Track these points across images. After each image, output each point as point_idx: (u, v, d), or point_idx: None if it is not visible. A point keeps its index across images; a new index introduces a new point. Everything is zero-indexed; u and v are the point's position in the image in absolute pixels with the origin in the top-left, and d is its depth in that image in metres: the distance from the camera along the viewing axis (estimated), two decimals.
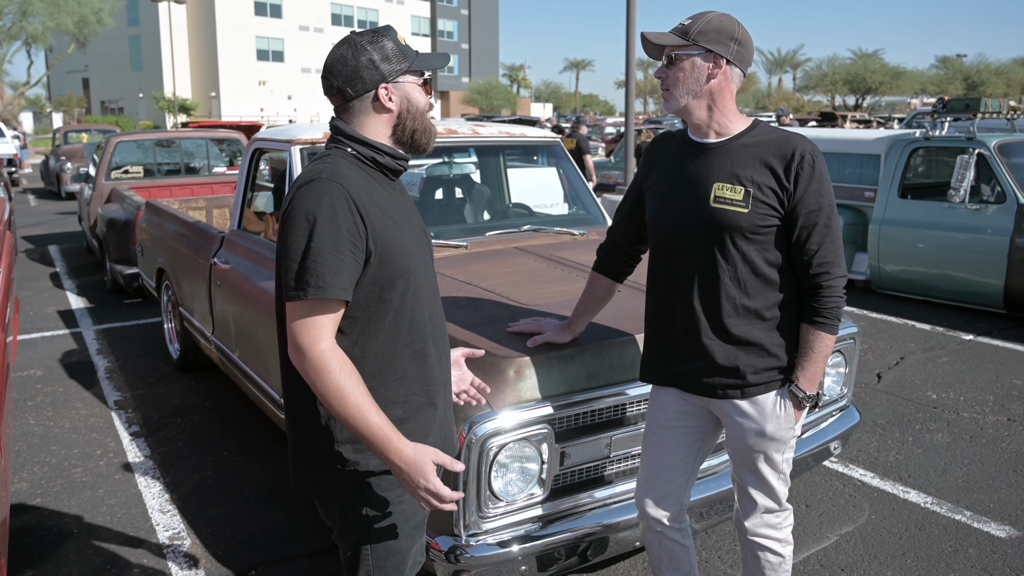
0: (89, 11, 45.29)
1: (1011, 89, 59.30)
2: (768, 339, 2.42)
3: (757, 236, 2.36)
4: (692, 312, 2.45)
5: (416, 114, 2.06)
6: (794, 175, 2.33)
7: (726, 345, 2.42)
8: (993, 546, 3.67)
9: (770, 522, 2.60)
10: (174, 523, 3.92)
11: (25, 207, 18.34)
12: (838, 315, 2.41)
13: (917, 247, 7.93)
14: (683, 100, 2.39)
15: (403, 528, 2.08)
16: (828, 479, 4.31)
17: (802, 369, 2.43)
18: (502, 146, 5.15)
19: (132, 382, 5.99)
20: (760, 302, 2.41)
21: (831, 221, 2.37)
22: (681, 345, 2.50)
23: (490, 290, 3.51)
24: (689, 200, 2.42)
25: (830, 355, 2.47)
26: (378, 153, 2.04)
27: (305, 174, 1.97)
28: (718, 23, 2.35)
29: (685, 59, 2.35)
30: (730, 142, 2.41)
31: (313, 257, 1.85)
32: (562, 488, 2.90)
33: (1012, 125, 8.78)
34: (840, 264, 2.40)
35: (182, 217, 5.99)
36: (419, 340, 2.05)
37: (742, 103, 74.36)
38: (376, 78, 1.99)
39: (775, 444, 2.50)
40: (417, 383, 2.05)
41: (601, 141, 25.69)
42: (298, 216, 1.89)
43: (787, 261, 2.42)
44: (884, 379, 5.92)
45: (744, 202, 2.34)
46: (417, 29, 74.92)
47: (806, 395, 2.44)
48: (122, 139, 10.44)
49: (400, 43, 2.04)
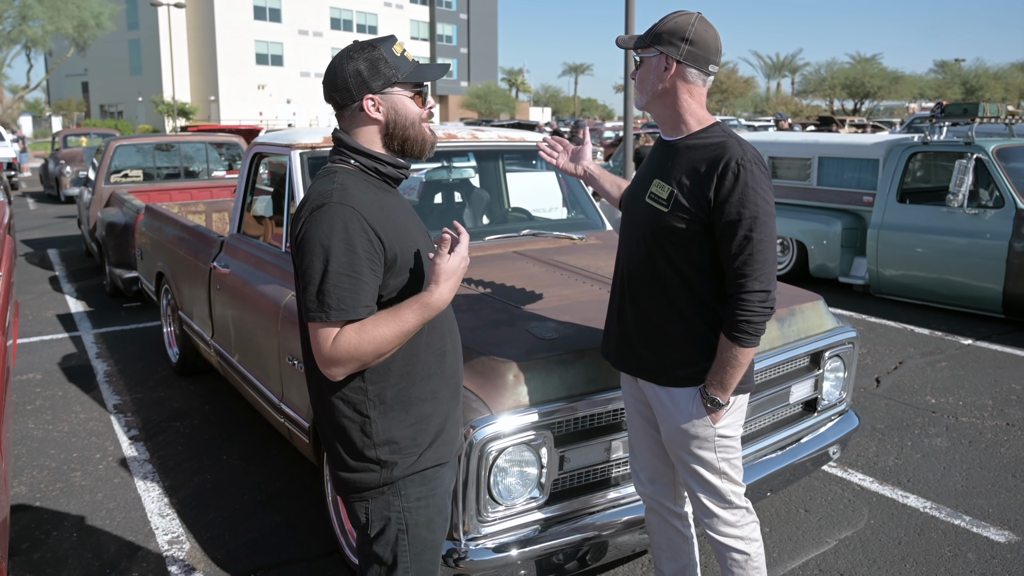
0: (89, 15, 45.34)
1: (1009, 94, 59.38)
2: (683, 339, 2.48)
3: (675, 237, 2.40)
4: (627, 300, 2.58)
5: (405, 124, 2.10)
6: (716, 183, 2.32)
7: (649, 335, 2.52)
8: (992, 551, 3.67)
9: (728, 519, 2.59)
10: (173, 527, 3.92)
11: (24, 211, 18.33)
12: (749, 329, 2.32)
13: (916, 251, 7.94)
14: (644, 98, 2.50)
15: (437, 521, 2.17)
16: (827, 484, 4.31)
17: (712, 373, 2.44)
18: (501, 150, 5.16)
19: (131, 386, 5.99)
20: (682, 302, 2.45)
21: (753, 233, 2.28)
22: (618, 327, 2.64)
23: (489, 294, 3.51)
24: (636, 191, 2.59)
25: (744, 367, 2.39)
26: (380, 163, 2.10)
27: (315, 197, 2.00)
28: (673, 24, 2.40)
29: (645, 60, 2.47)
30: (680, 141, 2.48)
31: (332, 281, 1.90)
32: (561, 492, 2.90)
33: (1010, 130, 8.80)
34: (760, 278, 2.30)
35: (181, 221, 5.99)
36: (438, 339, 2.14)
37: (741, 107, 74.48)
38: (362, 89, 2.05)
39: (695, 441, 2.51)
40: (440, 379, 2.14)
41: (600, 145, 25.67)
42: (313, 242, 1.93)
43: (715, 268, 2.41)
44: (883, 383, 5.93)
45: (666, 202, 2.41)
46: (416, 33, 74.99)
47: (711, 398, 2.45)
48: (121, 143, 10.44)
49: (395, 53, 2.07)
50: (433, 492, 2.15)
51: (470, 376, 2.80)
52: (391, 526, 2.11)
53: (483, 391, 2.75)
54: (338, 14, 67.42)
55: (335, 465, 2.13)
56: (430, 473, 2.13)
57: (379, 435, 2.05)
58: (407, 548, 2.12)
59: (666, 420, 2.55)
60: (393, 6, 72.16)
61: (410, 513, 2.11)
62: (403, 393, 2.06)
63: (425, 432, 2.10)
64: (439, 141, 4.60)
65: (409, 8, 74.29)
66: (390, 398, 2.05)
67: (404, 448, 2.07)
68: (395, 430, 2.06)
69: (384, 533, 2.12)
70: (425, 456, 2.10)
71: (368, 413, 2.05)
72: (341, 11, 67.58)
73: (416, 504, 2.11)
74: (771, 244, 2.31)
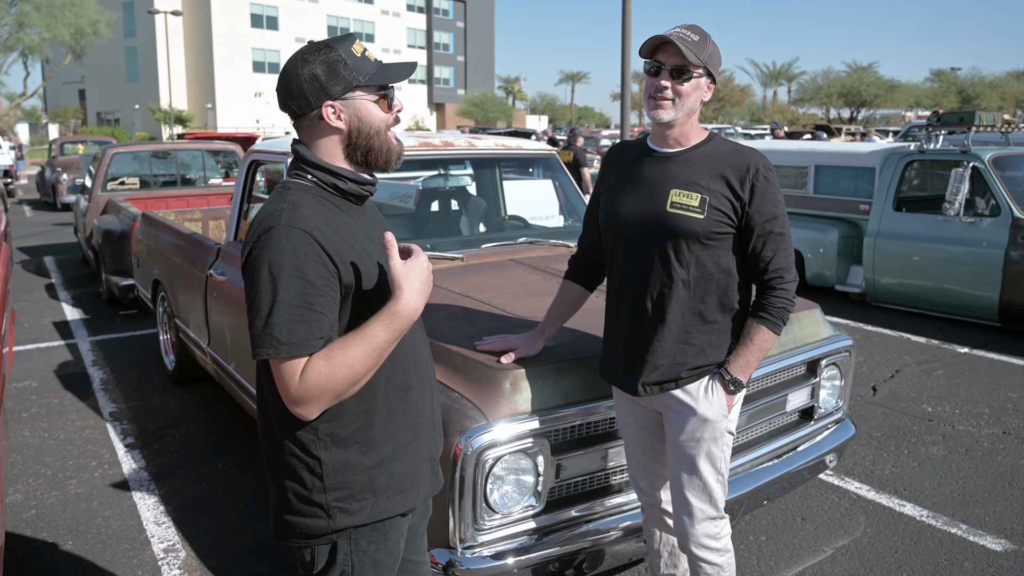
0: (86, 23, 45.40)
1: (1005, 102, 59.58)
2: (706, 341, 2.53)
3: (711, 241, 2.47)
4: (640, 312, 2.55)
5: (369, 132, 1.90)
6: (749, 187, 2.45)
7: (669, 345, 2.52)
8: (989, 560, 3.67)
9: (710, 532, 2.62)
10: (169, 535, 3.91)
11: (21, 218, 18.31)
12: (784, 316, 2.51)
13: (912, 260, 7.95)
14: (678, 113, 2.45)
15: (385, 563, 1.98)
16: (823, 492, 4.31)
17: (735, 355, 2.54)
18: (498, 158, 5.16)
19: (127, 394, 5.98)
20: (707, 305, 2.51)
21: (784, 229, 2.51)
22: (627, 344, 2.60)
23: (486, 302, 3.51)
24: (645, 204, 2.53)
25: (766, 352, 2.56)
26: (340, 179, 1.90)
27: (264, 218, 1.81)
28: (716, 49, 2.48)
29: (695, 77, 2.43)
30: (687, 152, 2.53)
31: (283, 313, 1.71)
32: (558, 500, 2.90)
33: (1007, 138, 8.83)
34: (792, 269, 2.53)
35: (178, 229, 5.99)
36: (400, 373, 1.94)
37: (737, 115, 74.69)
38: (320, 96, 1.85)
39: (709, 428, 2.54)
40: (403, 418, 1.95)
41: (597, 153, 25.68)
42: (260, 269, 1.75)
43: (737, 268, 2.53)
44: (879, 392, 5.93)
45: (700, 208, 2.45)
46: (413, 41, 75.17)
47: (732, 378, 2.53)
48: (118, 150, 10.44)
49: (355, 54, 1.87)
50: (386, 537, 1.95)
51: (467, 384, 2.80)
52: (335, 568, 1.92)
53: (479, 399, 2.74)
54: (335, 22, 67.55)
55: (278, 506, 1.92)
56: (387, 523, 1.94)
57: (329, 478, 1.84)
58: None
59: (684, 415, 2.55)
60: (390, 14, 72.34)
61: (359, 556, 1.92)
62: (360, 433, 1.85)
63: (384, 477, 1.90)
64: (436, 149, 4.61)
65: (406, 16, 74.46)
66: (345, 437, 1.85)
67: (357, 495, 1.87)
68: (348, 474, 1.86)
69: (327, 572, 1.94)
70: (381, 506, 1.90)
71: (317, 454, 1.84)
72: (338, 19, 67.73)
73: (367, 548, 1.92)
74: (791, 239, 2.55)
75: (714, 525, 2.61)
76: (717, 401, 2.54)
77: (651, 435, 2.72)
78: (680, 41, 2.37)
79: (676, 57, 2.39)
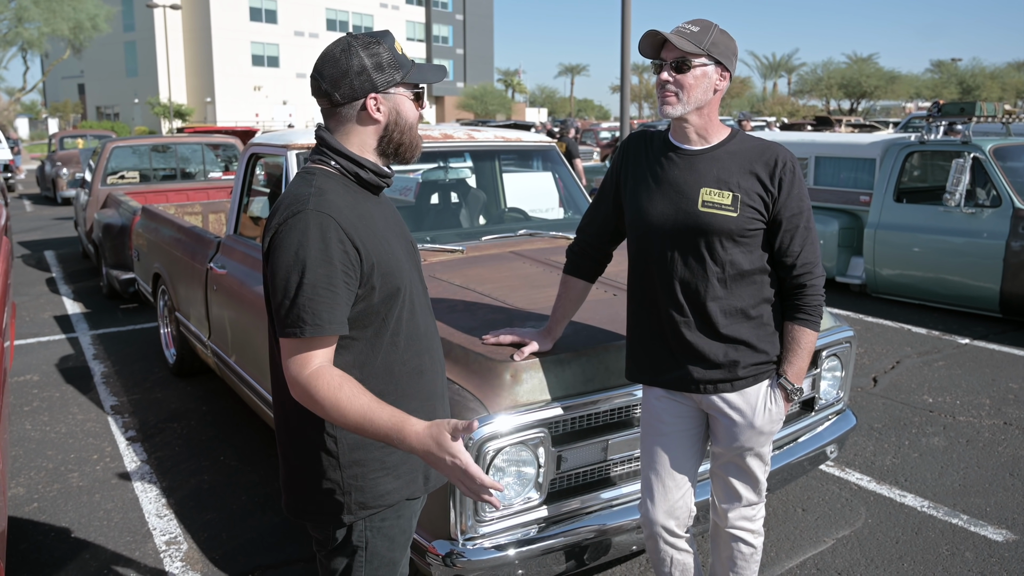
0: (85, 17, 45.29)
1: (1006, 93, 59.42)
2: (754, 336, 2.51)
3: (744, 239, 2.45)
4: (680, 312, 2.51)
5: (404, 128, 1.98)
6: (778, 181, 2.44)
7: (715, 343, 2.50)
8: (990, 550, 3.67)
9: (747, 515, 2.71)
10: (171, 527, 3.92)
11: (21, 212, 18.31)
12: (820, 312, 2.53)
13: (912, 251, 7.95)
14: (684, 107, 2.42)
15: (399, 540, 2.06)
16: (824, 483, 4.32)
17: (789, 363, 2.55)
18: (498, 151, 5.16)
19: (128, 387, 5.98)
20: (746, 301, 2.50)
21: (810, 224, 2.50)
22: (669, 346, 2.55)
23: (486, 294, 3.51)
24: (675, 204, 2.48)
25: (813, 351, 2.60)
26: (362, 169, 1.96)
27: (290, 201, 1.87)
28: (724, 37, 2.42)
29: (697, 67, 2.38)
30: (714, 149, 2.49)
31: (308, 294, 1.78)
32: (559, 492, 2.90)
33: (1007, 129, 8.81)
34: (820, 264, 2.52)
35: (178, 222, 5.98)
36: (415, 356, 2.00)
37: (737, 107, 74.53)
38: (366, 87, 1.91)
39: (763, 438, 2.59)
40: (417, 400, 2.00)
41: (596, 146, 25.69)
42: (287, 251, 1.81)
43: (768, 262, 2.52)
44: (880, 383, 5.93)
45: (733, 206, 2.42)
46: (412, 34, 74.99)
47: (794, 387, 2.56)
48: (118, 144, 10.44)
49: (396, 52, 1.94)
50: (399, 515, 2.03)
51: (467, 376, 2.80)
52: (348, 544, 1.99)
53: (480, 391, 2.74)
54: (334, 15, 67.38)
55: (291, 484, 1.99)
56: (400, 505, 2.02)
57: (345, 455, 1.92)
58: (363, 565, 2.01)
59: (739, 423, 2.54)
60: (389, 7, 72.14)
61: (371, 532, 1.99)
62: None
63: (397, 456, 1.96)
64: (436, 141, 4.61)
65: (405, 9, 74.27)
66: None
67: (371, 473, 1.93)
68: (363, 452, 1.93)
69: (339, 550, 2.01)
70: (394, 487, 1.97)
71: (334, 432, 1.91)
72: (337, 12, 67.54)
73: (380, 525, 2.00)
74: (817, 233, 2.56)
75: (752, 508, 2.71)
76: (776, 410, 2.57)
77: (687, 438, 2.64)
78: (677, 34, 2.37)
79: (675, 50, 2.37)
